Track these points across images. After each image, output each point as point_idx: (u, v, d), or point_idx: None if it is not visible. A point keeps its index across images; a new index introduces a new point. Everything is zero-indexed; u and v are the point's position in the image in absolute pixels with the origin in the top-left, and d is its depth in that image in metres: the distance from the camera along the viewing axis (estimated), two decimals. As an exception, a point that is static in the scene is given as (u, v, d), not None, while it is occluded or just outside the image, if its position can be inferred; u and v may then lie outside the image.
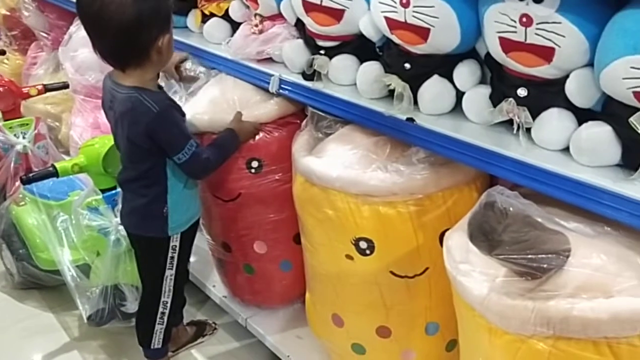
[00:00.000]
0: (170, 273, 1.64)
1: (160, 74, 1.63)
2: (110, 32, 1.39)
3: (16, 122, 2.19)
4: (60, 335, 2.01)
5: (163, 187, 1.54)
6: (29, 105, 2.62)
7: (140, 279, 1.73)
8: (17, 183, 2.12)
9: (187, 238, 1.67)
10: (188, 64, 1.78)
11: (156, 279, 1.65)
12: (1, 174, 2.20)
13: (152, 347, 1.73)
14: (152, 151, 1.49)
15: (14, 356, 1.96)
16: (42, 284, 2.14)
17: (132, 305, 1.84)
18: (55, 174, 1.78)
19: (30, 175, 1.79)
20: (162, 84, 1.69)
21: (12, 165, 2.18)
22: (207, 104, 1.70)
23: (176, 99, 1.67)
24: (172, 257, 1.62)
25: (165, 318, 1.69)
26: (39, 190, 2.01)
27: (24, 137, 2.17)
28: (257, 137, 1.65)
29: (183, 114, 1.54)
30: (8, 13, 3.10)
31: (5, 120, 2.21)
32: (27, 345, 1.97)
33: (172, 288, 1.66)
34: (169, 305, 1.68)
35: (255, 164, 1.66)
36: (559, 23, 1.05)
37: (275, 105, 1.66)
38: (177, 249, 1.62)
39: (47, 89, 2.31)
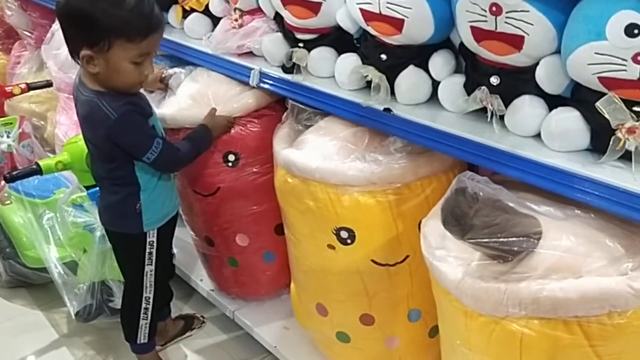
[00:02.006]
0: (149, 269, 1.64)
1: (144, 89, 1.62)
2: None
3: (0, 121, 2.19)
4: (49, 332, 2.02)
5: (135, 185, 1.53)
6: (14, 104, 2.62)
7: (122, 275, 1.74)
8: (2, 182, 2.12)
9: (165, 233, 1.66)
10: (167, 72, 1.79)
11: (136, 275, 1.65)
12: (-15, 173, 2.20)
13: (138, 342, 1.74)
14: (115, 154, 1.48)
15: (3, 354, 1.96)
16: (29, 282, 2.15)
17: (119, 301, 1.84)
18: (39, 171, 1.79)
19: (14, 173, 1.79)
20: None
21: (-5, 164, 2.19)
22: (185, 100, 1.71)
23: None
24: (151, 253, 1.62)
25: (149, 313, 1.70)
26: (25, 189, 2.02)
27: (8, 136, 2.18)
28: (232, 131, 1.66)
29: (147, 114, 1.51)
30: (-9, 13, 3.10)
31: (-10, 119, 2.21)
32: (17, 343, 1.98)
33: (153, 283, 1.66)
34: (151, 300, 1.69)
35: (232, 157, 1.67)
36: (527, 11, 1.07)
37: (249, 99, 1.67)
38: (155, 244, 1.62)
39: (30, 87, 2.31)
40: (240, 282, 1.89)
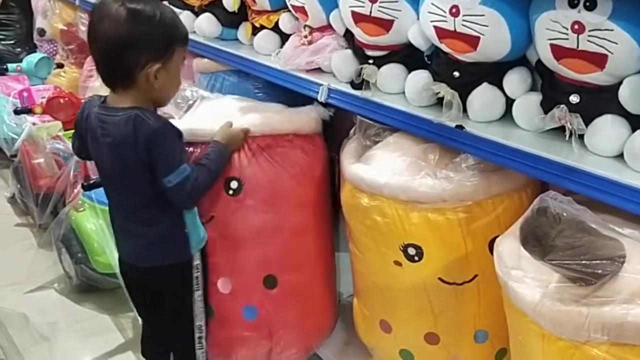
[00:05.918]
0: (198, 294, 1.57)
1: None
2: (99, 46, 1.41)
3: (76, 132, 2.29)
4: (115, 336, 2.08)
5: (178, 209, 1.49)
6: (86, 116, 2.74)
7: (164, 317, 1.59)
8: (76, 190, 2.22)
9: (203, 254, 1.59)
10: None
11: (186, 306, 1.57)
12: (61, 181, 2.31)
13: None
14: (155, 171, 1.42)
15: (71, 355, 2.04)
16: (98, 287, 2.22)
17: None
18: (114, 180, 1.86)
19: (92, 181, 1.88)
20: None
21: (71, 173, 2.28)
22: (205, 115, 1.66)
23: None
24: (197, 277, 1.56)
25: (204, 341, 1.61)
26: (98, 197, 2.09)
27: (82, 146, 2.26)
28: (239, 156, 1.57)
29: (180, 137, 1.46)
30: (65, 28, 3.26)
31: (65, 130, 2.31)
32: (84, 345, 2.06)
33: (203, 308, 1.59)
34: (203, 327, 1.60)
35: (234, 184, 1.59)
36: (611, 30, 1.05)
37: (269, 118, 1.63)
38: (200, 267, 1.57)
39: (104, 100, 2.40)
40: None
